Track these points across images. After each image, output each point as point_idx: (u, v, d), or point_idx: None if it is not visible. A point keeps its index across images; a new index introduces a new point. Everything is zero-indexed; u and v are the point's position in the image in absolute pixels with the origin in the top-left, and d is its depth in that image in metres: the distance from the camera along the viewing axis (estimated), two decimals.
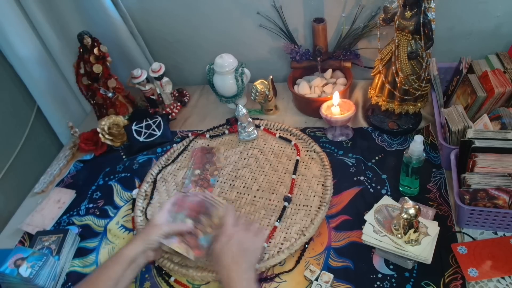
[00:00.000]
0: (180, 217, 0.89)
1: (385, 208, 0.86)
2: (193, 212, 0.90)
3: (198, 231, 0.88)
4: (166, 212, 0.89)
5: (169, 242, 0.84)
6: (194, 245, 0.86)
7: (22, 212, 1.14)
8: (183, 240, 0.86)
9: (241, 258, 0.78)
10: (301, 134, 1.15)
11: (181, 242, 0.85)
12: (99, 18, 1.26)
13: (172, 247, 0.84)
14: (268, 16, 1.23)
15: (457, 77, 1.04)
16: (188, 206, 0.91)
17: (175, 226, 0.86)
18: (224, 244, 0.80)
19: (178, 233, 0.86)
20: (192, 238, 0.87)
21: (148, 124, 1.26)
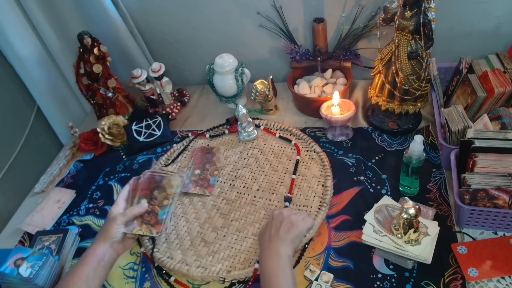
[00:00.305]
0: (135, 201, 0.90)
1: (385, 208, 0.86)
2: (146, 191, 0.91)
3: (155, 207, 0.88)
4: (121, 202, 0.90)
5: (129, 229, 0.85)
6: (154, 222, 0.88)
7: (22, 212, 1.14)
8: (142, 221, 0.87)
9: (276, 236, 0.80)
10: (301, 134, 1.15)
11: (141, 224, 0.87)
12: (99, 18, 1.26)
13: (134, 232, 0.85)
14: (268, 16, 1.23)
15: (457, 77, 1.04)
16: (140, 187, 0.91)
17: (129, 212, 0.86)
18: (270, 220, 0.85)
19: (136, 217, 0.87)
20: (151, 216, 0.88)
21: (148, 124, 1.26)
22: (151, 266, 0.93)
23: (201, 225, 0.99)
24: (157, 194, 0.91)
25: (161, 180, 0.93)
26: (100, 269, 0.79)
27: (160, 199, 0.90)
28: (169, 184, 0.92)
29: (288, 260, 0.77)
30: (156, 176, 0.93)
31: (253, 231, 0.95)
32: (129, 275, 0.92)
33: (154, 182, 0.93)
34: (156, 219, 0.88)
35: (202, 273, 0.88)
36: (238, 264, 0.90)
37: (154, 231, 0.87)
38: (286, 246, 0.79)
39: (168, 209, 0.89)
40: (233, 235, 0.95)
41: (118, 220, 0.84)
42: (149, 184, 0.93)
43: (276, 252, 0.78)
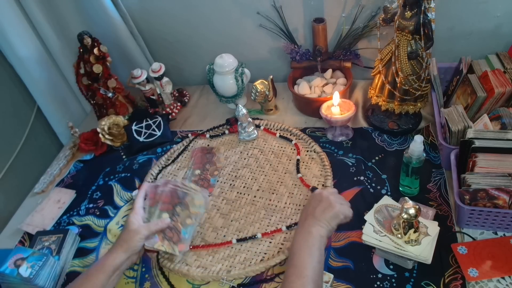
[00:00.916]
0: (155, 212, 0.88)
1: (385, 208, 0.86)
2: (168, 205, 0.89)
3: (178, 225, 0.87)
4: (140, 211, 0.88)
5: (151, 243, 0.84)
6: (176, 240, 0.86)
7: (22, 212, 1.14)
8: (164, 236, 0.86)
9: (313, 216, 0.80)
10: (301, 134, 1.15)
11: (163, 240, 0.85)
12: (99, 18, 1.26)
13: (156, 247, 0.84)
14: (268, 16, 1.23)
15: (457, 77, 1.04)
16: (160, 199, 0.90)
17: (153, 226, 0.85)
18: (312, 197, 0.85)
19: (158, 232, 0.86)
20: (173, 233, 0.86)
21: (148, 124, 1.26)
22: (151, 266, 0.93)
23: (201, 225, 0.99)
24: (179, 211, 0.89)
25: (184, 196, 0.90)
26: (114, 277, 0.79)
27: (183, 217, 0.88)
28: (192, 202, 0.90)
29: (318, 240, 0.76)
30: (179, 191, 0.91)
31: (253, 231, 0.95)
32: (129, 275, 0.92)
33: (177, 198, 0.90)
34: (178, 237, 0.86)
35: (202, 273, 0.88)
36: (238, 264, 0.90)
37: (177, 250, 0.85)
38: (319, 226, 0.78)
39: (191, 229, 0.87)
40: (233, 235, 0.95)
41: (141, 234, 0.83)
42: (171, 199, 0.91)
43: (308, 230, 0.77)
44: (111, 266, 0.79)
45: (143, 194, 0.92)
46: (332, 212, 0.81)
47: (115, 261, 0.80)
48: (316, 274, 0.72)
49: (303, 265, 0.72)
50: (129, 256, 0.82)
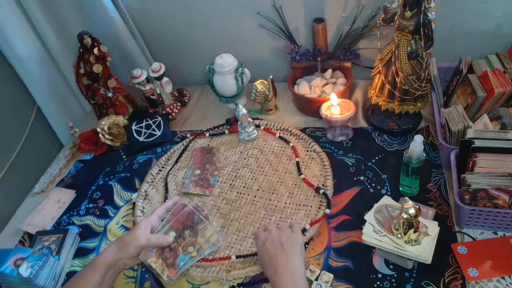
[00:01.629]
0: (165, 226, 0.86)
1: (385, 208, 0.86)
2: (179, 225, 0.87)
3: (179, 249, 0.84)
4: (154, 219, 0.86)
5: (146, 256, 0.82)
6: (170, 263, 0.83)
7: (22, 212, 1.14)
8: (161, 254, 0.83)
9: (282, 253, 0.76)
10: (301, 134, 1.15)
11: (158, 257, 0.83)
12: (99, 18, 1.26)
13: (149, 261, 0.82)
14: (268, 16, 1.23)
15: (457, 77, 1.04)
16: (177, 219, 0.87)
17: (153, 239, 0.82)
18: (262, 250, 0.79)
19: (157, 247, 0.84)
20: (171, 254, 0.84)
21: (148, 124, 1.26)
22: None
23: None
24: (187, 235, 0.86)
25: (198, 222, 0.88)
26: (107, 277, 0.78)
27: (187, 242, 0.85)
28: (203, 231, 0.87)
29: (303, 273, 0.75)
30: (196, 217, 0.88)
31: (253, 231, 0.95)
32: (129, 275, 0.92)
33: (191, 221, 0.88)
34: (173, 261, 0.83)
35: (202, 273, 0.88)
36: (238, 264, 0.90)
37: (166, 273, 0.82)
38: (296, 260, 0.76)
39: (188, 260, 0.85)
40: (233, 235, 0.95)
41: (140, 242, 0.81)
42: (185, 220, 0.88)
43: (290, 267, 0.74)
44: (104, 264, 0.78)
45: (168, 206, 0.90)
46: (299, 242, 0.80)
47: (107, 260, 0.79)
48: None
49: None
50: (122, 258, 0.80)
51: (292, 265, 0.75)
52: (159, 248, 0.84)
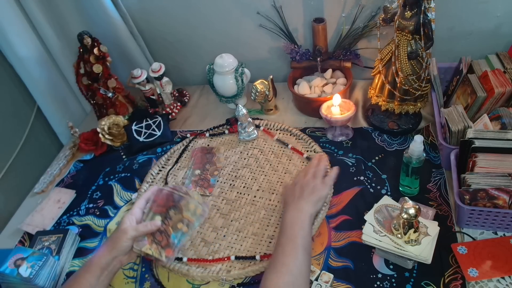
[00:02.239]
0: (149, 214, 0.86)
1: (385, 208, 0.86)
2: (162, 208, 0.86)
3: (169, 229, 0.84)
4: (137, 212, 0.86)
5: (139, 246, 0.82)
6: (165, 244, 0.83)
7: (22, 212, 1.14)
8: (153, 240, 0.83)
9: (299, 197, 0.86)
10: (301, 134, 1.15)
11: (152, 243, 0.83)
12: (99, 18, 1.26)
13: (143, 250, 0.82)
14: (268, 16, 1.23)
15: (457, 77, 1.04)
16: (156, 201, 0.87)
17: (141, 228, 0.82)
18: (289, 188, 0.91)
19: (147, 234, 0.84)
20: (163, 237, 0.84)
21: (148, 124, 1.26)
22: (152, 266, 0.93)
23: (201, 225, 0.99)
24: (172, 214, 0.86)
25: (179, 200, 0.87)
26: (103, 277, 0.78)
27: (175, 221, 0.85)
28: (186, 206, 0.87)
29: (308, 217, 0.83)
30: (175, 195, 0.88)
31: (253, 231, 0.95)
32: (129, 275, 0.92)
33: (172, 201, 0.87)
34: (167, 241, 0.83)
35: (202, 273, 0.88)
36: (238, 264, 0.90)
37: (164, 255, 0.82)
38: (308, 206, 0.85)
39: (181, 236, 0.85)
40: (233, 235, 0.95)
41: (129, 234, 0.80)
42: (166, 202, 0.88)
43: (299, 208, 0.84)
44: (97, 265, 0.78)
45: (147, 196, 0.90)
46: (320, 195, 0.88)
47: (101, 260, 0.78)
48: (307, 243, 0.79)
49: (295, 234, 0.79)
50: (116, 256, 0.80)
51: (302, 207, 0.84)
52: (150, 235, 0.84)
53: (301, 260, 0.76)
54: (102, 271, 0.78)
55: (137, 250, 0.82)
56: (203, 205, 0.89)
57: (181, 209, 0.87)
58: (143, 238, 0.83)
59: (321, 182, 0.90)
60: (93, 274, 0.77)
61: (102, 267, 0.78)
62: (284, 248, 0.77)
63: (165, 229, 0.84)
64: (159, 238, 0.84)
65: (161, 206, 0.87)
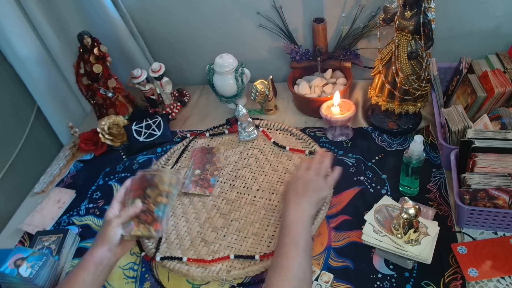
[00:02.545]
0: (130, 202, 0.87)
1: (385, 208, 0.86)
2: (139, 191, 0.88)
3: (150, 206, 0.86)
4: (116, 205, 0.87)
5: (127, 231, 0.83)
6: (151, 220, 0.85)
7: (22, 212, 1.14)
8: (139, 221, 0.85)
9: (303, 195, 0.85)
10: (301, 134, 1.15)
11: (138, 224, 0.84)
12: (99, 18, 1.26)
13: (132, 233, 0.83)
14: (268, 16, 1.23)
15: (457, 77, 1.04)
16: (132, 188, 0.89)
17: (124, 213, 0.84)
18: (292, 183, 0.89)
19: (132, 218, 0.85)
20: (147, 215, 0.85)
21: (148, 124, 1.26)
22: (152, 266, 0.93)
23: (201, 225, 0.99)
24: (150, 193, 0.88)
25: (152, 178, 0.90)
26: (98, 273, 0.78)
27: (154, 197, 0.87)
28: (160, 180, 0.89)
29: (310, 218, 0.82)
30: (147, 175, 0.90)
31: (253, 230, 0.95)
32: (129, 275, 0.92)
33: (146, 181, 0.90)
34: (152, 217, 0.85)
35: (202, 273, 0.88)
36: (238, 264, 0.90)
37: (152, 230, 0.84)
38: (311, 206, 0.84)
39: (164, 208, 0.87)
40: (233, 235, 0.95)
41: (114, 223, 0.81)
42: (141, 184, 0.90)
43: (303, 208, 0.83)
44: (90, 262, 0.78)
45: (123, 189, 0.91)
46: (322, 195, 0.87)
47: (94, 257, 0.79)
48: (309, 246, 0.78)
49: (298, 236, 0.78)
50: (109, 249, 0.80)
51: (305, 207, 0.83)
52: (135, 218, 0.85)
53: (304, 264, 0.74)
54: (97, 266, 0.78)
55: (127, 237, 0.83)
56: (175, 174, 0.93)
57: (156, 185, 0.89)
58: (129, 224, 0.84)
59: (324, 182, 0.89)
60: (87, 271, 0.77)
61: (95, 263, 0.78)
62: (287, 251, 0.76)
63: (147, 208, 0.86)
64: (144, 217, 0.85)
65: (137, 190, 0.89)
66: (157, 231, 0.84)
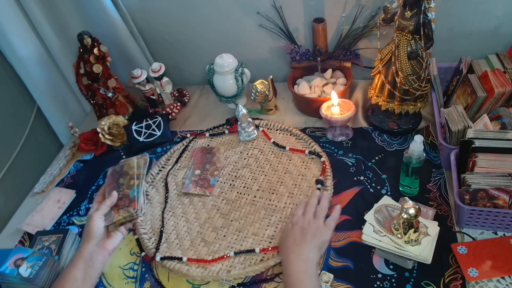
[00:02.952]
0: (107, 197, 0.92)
1: (385, 208, 0.86)
2: (112, 184, 0.92)
3: (125, 191, 0.90)
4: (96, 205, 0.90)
5: (109, 220, 0.86)
6: (128, 203, 0.89)
7: (22, 212, 1.14)
8: (118, 208, 0.89)
9: (303, 241, 0.80)
10: (301, 134, 1.15)
11: (118, 211, 0.88)
12: (99, 18, 1.26)
13: (114, 220, 0.86)
14: (268, 16, 1.23)
15: (457, 77, 1.04)
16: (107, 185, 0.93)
17: (102, 205, 0.87)
18: (289, 229, 0.84)
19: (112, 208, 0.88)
20: (124, 200, 0.89)
21: (148, 124, 1.26)
22: (152, 266, 0.93)
23: (201, 225, 0.99)
24: (122, 181, 0.92)
25: (121, 169, 0.95)
26: (89, 269, 0.79)
27: (127, 183, 0.91)
28: (129, 167, 0.93)
29: (315, 266, 0.78)
30: (116, 169, 0.95)
31: (253, 231, 0.95)
32: (129, 275, 0.92)
33: (117, 174, 0.94)
34: (129, 200, 0.89)
35: (202, 273, 0.88)
36: (238, 264, 0.90)
37: (131, 209, 0.88)
38: (313, 252, 0.79)
39: (137, 188, 0.90)
40: (233, 235, 0.95)
41: (94, 216, 0.84)
42: (113, 178, 0.94)
43: (304, 256, 0.78)
44: (79, 258, 0.80)
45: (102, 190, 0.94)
46: (324, 239, 0.82)
47: (82, 254, 0.80)
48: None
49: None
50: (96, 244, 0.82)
51: (307, 255, 0.78)
52: (114, 207, 0.88)
53: None
54: (86, 263, 0.79)
55: (112, 226, 0.86)
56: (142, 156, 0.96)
57: (127, 173, 0.92)
58: (110, 214, 0.87)
59: (323, 224, 0.84)
60: (77, 268, 0.78)
61: (84, 259, 0.79)
62: None
63: (123, 194, 0.90)
64: (122, 203, 0.89)
65: (111, 184, 0.92)
66: (135, 209, 0.88)
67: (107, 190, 0.93)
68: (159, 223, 1.01)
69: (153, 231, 1.00)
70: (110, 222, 0.86)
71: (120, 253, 0.97)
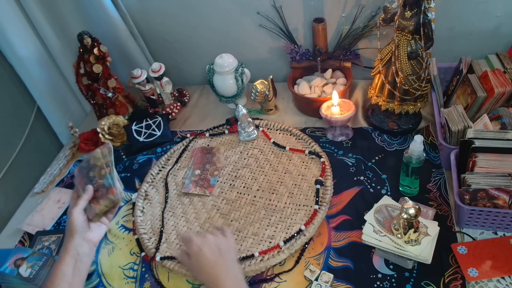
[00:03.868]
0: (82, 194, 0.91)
1: (385, 208, 0.86)
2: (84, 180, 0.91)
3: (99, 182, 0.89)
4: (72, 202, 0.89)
5: (91, 213, 0.85)
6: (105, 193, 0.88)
7: (22, 212, 1.14)
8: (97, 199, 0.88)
9: (219, 259, 0.75)
10: (301, 134, 1.15)
11: (97, 202, 0.87)
12: (99, 18, 1.26)
13: (97, 212, 0.85)
14: (268, 16, 1.23)
15: (457, 77, 1.04)
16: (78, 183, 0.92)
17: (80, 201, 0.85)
18: (198, 255, 0.76)
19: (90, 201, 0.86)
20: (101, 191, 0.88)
21: (148, 124, 1.26)
22: (152, 265, 0.93)
23: (201, 225, 0.99)
24: (93, 174, 0.91)
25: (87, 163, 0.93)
26: (78, 263, 0.79)
27: (98, 174, 0.90)
28: (95, 159, 0.93)
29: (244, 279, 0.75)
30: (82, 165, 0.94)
31: (253, 231, 0.95)
32: (129, 275, 0.92)
33: (85, 169, 0.93)
34: (105, 189, 0.88)
35: None
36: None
37: (111, 196, 0.86)
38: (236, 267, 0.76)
39: (110, 175, 0.89)
40: (233, 235, 0.95)
41: (74, 212, 0.83)
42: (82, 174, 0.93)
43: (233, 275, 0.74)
44: (66, 254, 0.79)
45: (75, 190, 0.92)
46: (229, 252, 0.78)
47: (68, 249, 0.80)
48: None
49: None
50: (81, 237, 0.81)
51: (234, 272, 0.75)
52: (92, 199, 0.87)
53: None
54: (74, 257, 0.79)
55: (96, 218, 0.85)
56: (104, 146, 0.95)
57: (94, 165, 0.92)
58: (90, 207, 0.86)
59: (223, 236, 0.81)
60: (65, 263, 0.78)
61: (71, 254, 0.79)
62: None
63: (98, 186, 0.89)
64: (99, 194, 0.88)
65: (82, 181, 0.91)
66: (115, 195, 0.87)
67: (80, 188, 0.91)
68: (159, 223, 1.01)
69: (153, 231, 1.00)
70: (93, 215, 0.85)
71: (120, 253, 0.97)
